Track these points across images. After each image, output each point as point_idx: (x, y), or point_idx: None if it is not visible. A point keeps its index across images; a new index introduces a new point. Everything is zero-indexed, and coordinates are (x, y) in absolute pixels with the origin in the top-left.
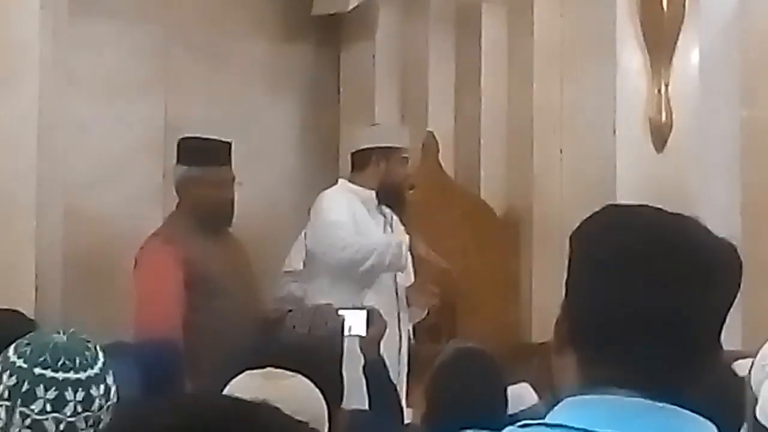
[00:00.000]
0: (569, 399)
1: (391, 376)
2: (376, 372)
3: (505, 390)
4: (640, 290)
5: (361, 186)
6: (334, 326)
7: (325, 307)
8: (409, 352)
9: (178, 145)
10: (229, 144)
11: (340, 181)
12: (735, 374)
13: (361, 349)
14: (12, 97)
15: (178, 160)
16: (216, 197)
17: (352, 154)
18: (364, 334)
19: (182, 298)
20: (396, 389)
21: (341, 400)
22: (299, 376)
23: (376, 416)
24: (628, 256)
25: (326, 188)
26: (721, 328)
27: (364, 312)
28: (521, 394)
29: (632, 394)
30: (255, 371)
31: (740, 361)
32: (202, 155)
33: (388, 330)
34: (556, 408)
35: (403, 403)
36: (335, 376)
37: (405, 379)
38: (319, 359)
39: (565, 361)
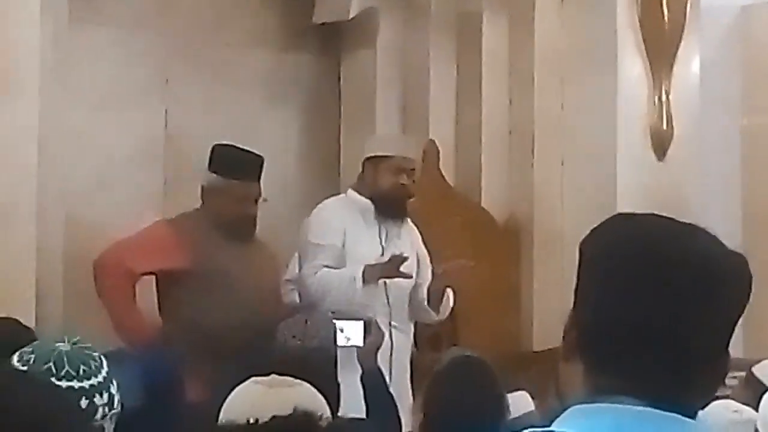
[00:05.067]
0: (576, 407)
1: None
2: (373, 382)
3: (503, 398)
4: (649, 300)
5: (363, 195)
6: (326, 335)
7: (318, 316)
8: (411, 361)
9: (212, 151)
10: (261, 159)
11: (348, 191)
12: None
13: (358, 359)
14: (12, 104)
15: (210, 166)
16: (240, 212)
17: (362, 162)
18: (361, 344)
19: (153, 260)
20: (393, 399)
21: (338, 408)
22: (304, 383)
23: (373, 425)
24: (637, 265)
25: (328, 197)
26: (730, 338)
27: (361, 322)
28: (518, 402)
29: (639, 403)
30: (260, 378)
31: (759, 364)
32: (237, 168)
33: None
34: (562, 415)
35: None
36: (330, 385)
37: (409, 386)
38: (312, 368)
39: (573, 369)
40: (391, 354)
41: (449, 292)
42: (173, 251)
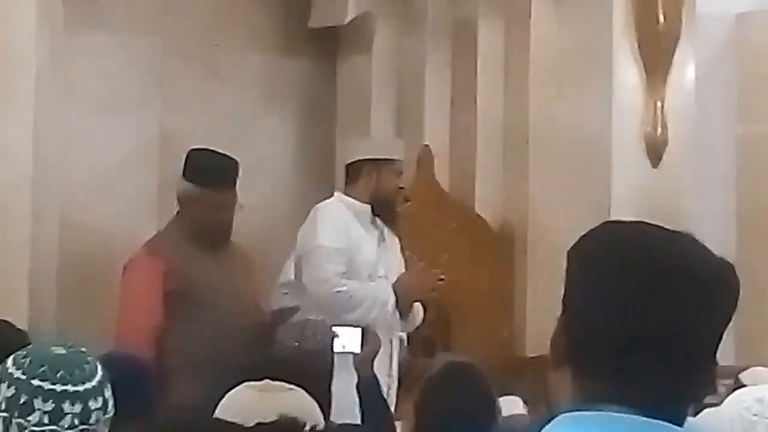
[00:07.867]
0: (565, 414)
1: (384, 393)
2: (369, 389)
3: (495, 404)
4: (637, 307)
5: (355, 198)
6: (323, 340)
7: (315, 321)
8: (399, 365)
9: (186, 158)
10: (236, 164)
11: (336, 194)
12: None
13: (354, 366)
14: (8, 107)
15: (184, 174)
16: (215, 220)
17: (347, 166)
18: (358, 351)
19: (159, 310)
20: (389, 406)
21: (329, 413)
22: (297, 388)
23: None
24: (625, 273)
25: (321, 201)
26: (718, 345)
27: (359, 330)
28: (509, 406)
29: (628, 411)
30: (253, 383)
31: (746, 372)
32: (209, 176)
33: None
34: (551, 423)
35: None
36: (324, 390)
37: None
38: (308, 373)
39: (562, 377)
40: (390, 360)
41: (418, 305)
42: (158, 284)
